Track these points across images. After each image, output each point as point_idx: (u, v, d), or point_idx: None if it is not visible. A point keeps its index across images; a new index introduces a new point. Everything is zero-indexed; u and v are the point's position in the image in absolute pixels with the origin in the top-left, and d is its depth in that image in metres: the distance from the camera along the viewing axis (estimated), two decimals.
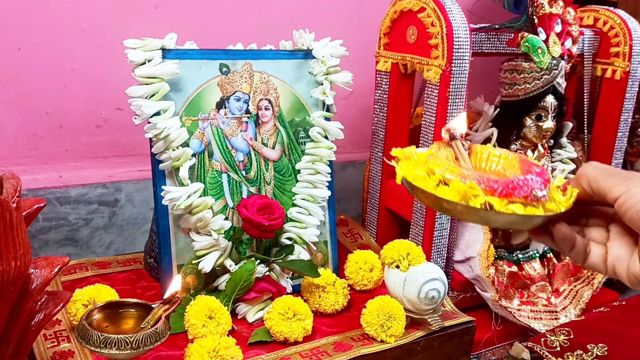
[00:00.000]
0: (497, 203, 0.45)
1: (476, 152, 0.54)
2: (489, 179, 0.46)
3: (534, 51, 1.04)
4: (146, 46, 0.87)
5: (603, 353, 0.95)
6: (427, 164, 0.48)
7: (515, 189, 0.46)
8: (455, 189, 0.46)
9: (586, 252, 0.50)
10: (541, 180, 0.47)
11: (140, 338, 0.64)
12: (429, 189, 0.46)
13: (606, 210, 0.51)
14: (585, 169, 0.49)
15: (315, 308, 0.93)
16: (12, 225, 0.55)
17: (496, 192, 0.45)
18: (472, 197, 0.45)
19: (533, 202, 0.46)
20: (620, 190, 0.45)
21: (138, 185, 1.21)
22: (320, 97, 1.00)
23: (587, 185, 0.48)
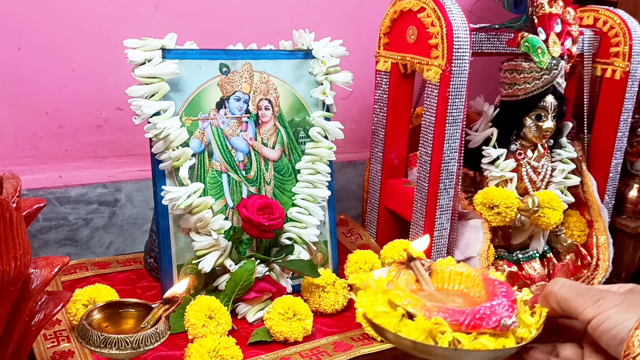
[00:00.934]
0: (465, 339, 0.43)
1: (437, 271, 0.51)
2: (454, 310, 0.44)
3: (533, 51, 1.04)
4: (146, 46, 0.87)
5: None
6: (388, 294, 0.46)
7: (483, 319, 0.43)
8: (420, 327, 0.43)
9: None
10: (508, 303, 0.45)
11: (140, 338, 0.64)
12: (392, 327, 0.44)
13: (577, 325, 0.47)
14: (553, 287, 0.46)
15: (315, 308, 0.93)
16: (12, 225, 0.55)
17: (463, 325, 0.43)
18: (439, 334, 0.43)
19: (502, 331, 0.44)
20: (591, 312, 0.43)
21: (138, 185, 1.21)
22: (320, 97, 1.00)
23: (556, 304, 0.46)
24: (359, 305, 0.47)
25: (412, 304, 0.45)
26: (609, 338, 0.42)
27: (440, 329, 0.43)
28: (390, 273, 0.50)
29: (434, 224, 1.03)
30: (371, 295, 0.47)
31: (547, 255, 1.18)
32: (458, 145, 1.01)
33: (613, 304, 0.42)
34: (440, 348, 0.43)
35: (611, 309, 0.42)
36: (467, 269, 0.51)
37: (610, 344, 0.42)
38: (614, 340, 0.41)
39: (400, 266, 0.50)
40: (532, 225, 1.13)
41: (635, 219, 1.35)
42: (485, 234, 1.05)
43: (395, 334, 0.44)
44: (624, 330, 0.40)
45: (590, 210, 1.22)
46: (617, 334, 0.41)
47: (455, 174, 1.02)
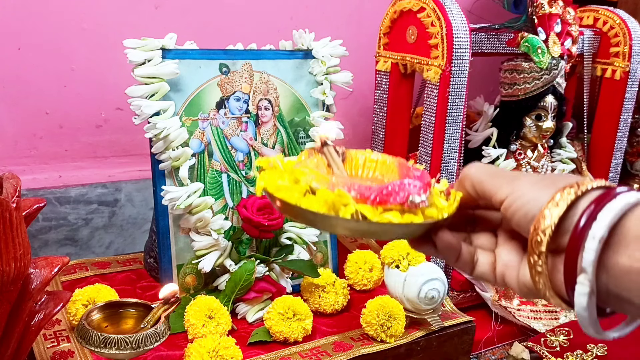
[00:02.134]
0: (370, 212, 0.40)
1: (351, 158, 0.49)
2: (360, 185, 0.41)
3: (533, 51, 1.04)
4: (146, 46, 0.87)
5: (603, 353, 0.96)
6: (293, 173, 0.43)
7: (390, 195, 0.41)
8: (322, 199, 0.40)
9: (473, 261, 0.45)
10: (420, 184, 0.42)
11: (140, 338, 0.64)
12: (293, 200, 0.41)
13: (493, 215, 0.46)
14: (469, 170, 0.44)
15: (315, 308, 0.93)
16: (12, 225, 0.55)
17: (369, 200, 0.41)
18: (342, 207, 0.40)
19: (411, 208, 0.41)
20: (505, 192, 0.41)
21: (138, 185, 1.21)
22: (320, 97, 1.00)
23: (471, 188, 0.44)
24: (261, 180, 0.43)
25: (316, 179, 0.42)
26: (522, 216, 0.40)
27: (343, 201, 0.40)
28: (300, 157, 0.47)
29: None
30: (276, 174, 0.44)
31: None
32: (458, 145, 1.01)
33: (528, 183, 0.41)
34: (343, 219, 0.40)
35: (526, 187, 0.40)
36: (382, 156, 0.49)
37: (522, 222, 0.40)
38: (526, 218, 0.40)
39: (312, 151, 0.48)
40: None
41: None
42: None
43: (296, 206, 0.41)
44: (537, 206, 0.39)
45: None
46: (530, 210, 0.39)
47: (455, 174, 1.02)
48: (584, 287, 0.36)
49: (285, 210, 0.43)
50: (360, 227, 0.41)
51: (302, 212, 0.41)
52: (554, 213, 0.37)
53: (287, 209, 0.42)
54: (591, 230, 0.36)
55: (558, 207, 0.37)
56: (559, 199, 0.38)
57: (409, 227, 0.42)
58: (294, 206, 0.41)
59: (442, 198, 0.44)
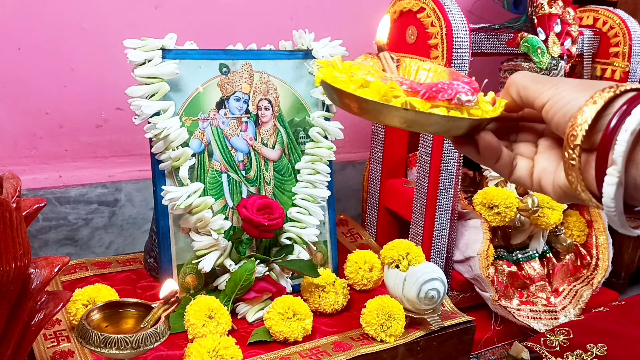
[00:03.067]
0: (419, 104, 0.43)
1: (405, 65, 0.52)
2: (412, 81, 0.45)
3: (533, 51, 1.04)
4: (146, 46, 0.87)
5: (602, 353, 0.96)
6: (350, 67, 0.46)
7: (439, 92, 0.44)
8: (375, 89, 0.44)
9: (512, 165, 0.48)
10: (468, 87, 0.45)
11: (140, 338, 0.64)
12: (349, 89, 0.44)
13: (535, 126, 0.49)
14: (514, 77, 0.47)
15: (315, 308, 0.93)
16: (12, 225, 0.55)
17: (419, 94, 0.44)
18: (393, 98, 0.43)
19: (457, 106, 0.44)
20: (547, 95, 0.44)
21: (138, 185, 1.21)
22: (320, 97, 1.00)
23: (516, 94, 0.47)
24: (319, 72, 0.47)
25: (371, 73, 0.45)
26: (560, 116, 0.42)
27: (395, 93, 0.43)
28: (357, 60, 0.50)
29: (433, 224, 1.03)
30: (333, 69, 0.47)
31: (547, 255, 1.18)
32: None
33: (570, 86, 0.43)
34: (393, 107, 0.43)
35: (567, 90, 0.43)
36: (435, 65, 0.52)
37: (561, 121, 0.42)
38: (565, 118, 0.42)
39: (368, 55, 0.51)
40: (532, 225, 1.13)
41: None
42: (485, 234, 1.06)
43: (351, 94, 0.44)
44: (576, 107, 0.41)
45: (590, 210, 1.22)
46: (568, 111, 0.41)
47: (455, 174, 1.02)
48: (613, 178, 0.38)
49: (341, 100, 0.46)
50: (409, 116, 0.44)
51: (356, 100, 0.44)
52: (592, 109, 0.40)
53: (342, 98, 0.45)
54: (624, 124, 0.38)
55: (595, 104, 0.40)
56: (597, 97, 0.40)
57: (454, 121, 0.44)
58: (349, 94, 0.44)
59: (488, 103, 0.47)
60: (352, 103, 0.45)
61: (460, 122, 0.45)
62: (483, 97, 0.47)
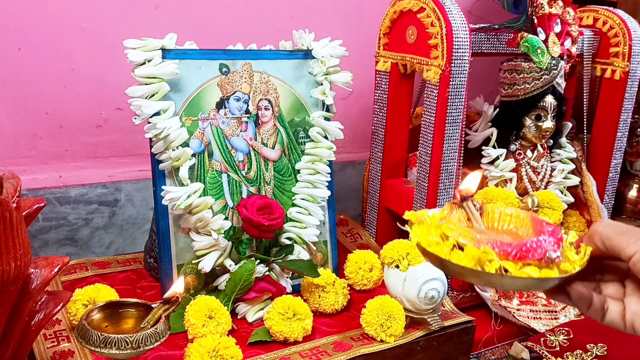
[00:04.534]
0: (511, 267, 0.46)
1: (488, 211, 0.54)
2: (502, 242, 0.47)
3: (533, 51, 1.04)
4: (146, 46, 0.87)
5: (602, 353, 0.96)
6: (440, 227, 0.49)
7: (529, 252, 0.46)
8: (469, 255, 0.46)
9: (604, 309, 0.49)
10: (554, 240, 0.48)
11: (140, 338, 0.64)
12: (443, 255, 0.47)
13: (620, 265, 0.51)
14: (598, 226, 0.49)
15: (315, 308, 0.93)
16: (12, 225, 0.55)
17: (510, 256, 0.46)
18: (487, 262, 0.46)
19: (547, 263, 0.47)
20: (634, 248, 0.46)
21: (138, 185, 1.21)
22: (319, 97, 1.00)
23: (601, 243, 0.49)
24: (414, 236, 0.50)
25: (462, 235, 0.48)
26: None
27: (488, 257, 0.46)
28: (443, 211, 0.53)
29: None
30: (425, 229, 0.50)
31: None
32: (458, 145, 1.01)
33: None
34: (488, 273, 0.46)
35: None
36: (516, 210, 0.55)
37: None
38: None
39: (453, 206, 0.53)
40: None
41: (634, 218, 1.35)
42: None
43: (447, 260, 0.47)
44: None
45: (590, 210, 1.22)
46: None
47: (455, 174, 1.02)
48: None
49: (435, 263, 0.49)
50: (504, 281, 0.46)
51: (452, 266, 0.47)
52: None
53: (437, 262, 0.48)
54: None
55: None
56: None
57: (546, 281, 0.47)
58: (444, 260, 0.47)
59: (573, 251, 0.49)
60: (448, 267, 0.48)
61: (553, 281, 0.47)
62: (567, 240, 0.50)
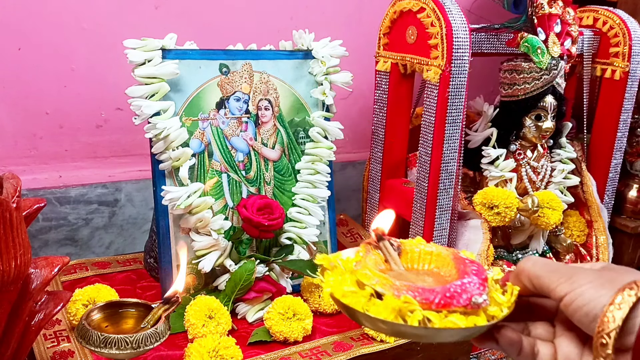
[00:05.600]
0: (435, 317, 0.42)
1: (406, 251, 0.51)
2: (423, 289, 0.43)
3: (533, 51, 1.04)
4: (146, 46, 0.87)
5: None
6: (356, 274, 0.45)
7: (454, 298, 0.43)
8: (389, 306, 0.42)
9: (534, 353, 0.46)
10: (479, 281, 0.44)
11: (140, 338, 0.64)
12: (360, 307, 0.43)
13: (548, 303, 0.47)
14: (525, 264, 0.46)
15: (315, 308, 0.93)
16: (12, 225, 0.55)
17: (433, 304, 0.42)
18: (409, 313, 0.42)
19: (473, 309, 0.43)
20: (564, 289, 0.42)
21: (138, 185, 1.21)
22: (320, 97, 1.00)
23: (529, 282, 0.45)
24: (327, 285, 0.46)
25: (380, 283, 0.44)
26: (582, 315, 0.41)
27: (410, 308, 0.42)
28: (358, 253, 0.49)
29: (433, 224, 1.03)
30: (339, 275, 0.46)
31: (547, 255, 1.18)
32: (458, 145, 1.01)
33: (586, 281, 0.41)
34: (410, 327, 0.42)
35: (585, 286, 0.41)
36: (437, 248, 0.51)
37: (584, 320, 0.41)
38: (587, 317, 0.40)
39: (368, 246, 0.49)
40: (532, 225, 1.13)
41: (634, 219, 1.35)
42: (485, 234, 1.06)
43: (364, 314, 0.43)
44: (598, 307, 0.40)
45: (590, 210, 1.22)
46: (591, 310, 0.40)
47: (455, 174, 1.02)
48: None
49: (352, 315, 0.44)
50: (427, 333, 0.42)
51: (369, 319, 0.43)
52: (617, 316, 0.39)
53: (353, 314, 0.44)
54: None
55: (621, 309, 0.39)
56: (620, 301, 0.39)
57: (473, 330, 0.43)
58: (361, 313, 0.43)
59: (499, 291, 0.46)
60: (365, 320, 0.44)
61: (480, 329, 0.44)
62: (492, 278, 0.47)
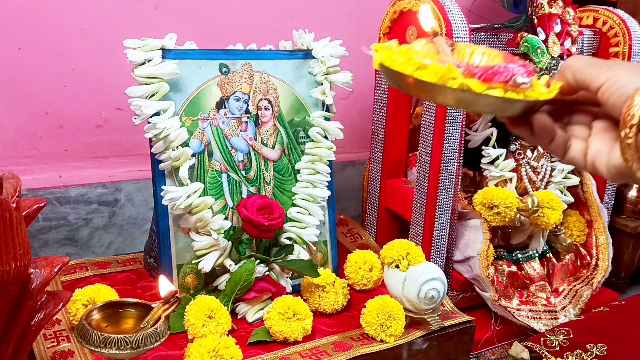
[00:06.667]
0: (475, 85, 0.45)
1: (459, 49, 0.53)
2: (468, 64, 0.46)
3: (533, 51, 1.04)
4: (146, 46, 0.87)
5: (602, 353, 0.96)
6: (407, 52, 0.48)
7: (496, 74, 0.45)
8: (433, 71, 0.45)
9: (566, 146, 0.50)
10: (524, 70, 0.47)
11: (140, 338, 0.64)
12: (407, 71, 0.46)
13: (589, 109, 0.51)
14: (569, 61, 0.49)
15: (315, 308, 0.93)
16: (12, 225, 0.55)
17: (475, 76, 0.45)
18: (450, 80, 0.45)
19: (514, 87, 0.46)
20: (603, 78, 0.45)
21: (138, 185, 1.21)
22: (319, 97, 1.00)
23: (572, 77, 0.48)
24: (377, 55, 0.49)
25: (428, 57, 0.47)
26: (616, 98, 0.44)
27: (452, 75, 0.45)
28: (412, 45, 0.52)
29: (433, 223, 1.03)
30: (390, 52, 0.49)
31: (547, 255, 1.18)
32: (457, 145, 1.01)
33: (624, 69, 0.45)
34: (451, 89, 0.45)
35: (622, 73, 0.44)
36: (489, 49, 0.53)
37: (617, 103, 0.44)
38: (620, 99, 0.43)
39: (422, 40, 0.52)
40: (532, 225, 1.13)
41: (634, 218, 1.35)
42: (485, 233, 1.06)
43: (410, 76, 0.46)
44: (631, 89, 0.43)
45: (590, 210, 1.22)
46: (624, 93, 0.43)
47: (454, 174, 1.02)
48: None
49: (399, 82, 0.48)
50: (466, 97, 0.45)
51: (415, 82, 0.46)
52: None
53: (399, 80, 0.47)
54: None
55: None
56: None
57: (509, 102, 0.46)
58: (408, 76, 0.46)
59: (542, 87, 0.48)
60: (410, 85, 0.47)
61: (516, 104, 0.46)
62: (538, 81, 0.49)
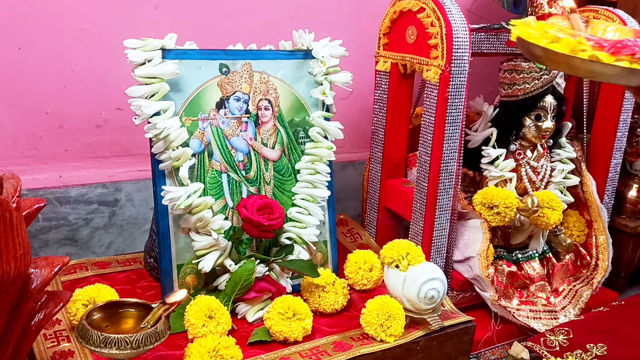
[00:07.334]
0: (603, 57, 0.50)
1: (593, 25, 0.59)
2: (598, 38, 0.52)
3: None
4: (146, 46, 0.87)
5: (602, 353, 0.96)
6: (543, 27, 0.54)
7: (624, 48, 0.50)
8: (565, 43, 0.52)
9: None
10: None
11: (140, 338, 0.64)
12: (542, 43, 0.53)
13: None
14: None
15: (315, 308, 0.93)
16: (12, 225, 0.55)
17: (604, 49, 0.50)
18: (580, 52, 0.50)
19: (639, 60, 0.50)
20: None
21: (138, 185, 1.21)
22: (319, 97, 1.00)
23: None
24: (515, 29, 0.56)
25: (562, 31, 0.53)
26: None
27: (582, 47, 0.51)
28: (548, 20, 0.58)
29: (433, 224, 1.03)
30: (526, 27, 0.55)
31: (547, 255, 1.18)
32: (457, 145, 1.01)
33: None
34: (581, 59, 0.51)
35: None
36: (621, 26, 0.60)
37: None
38: None
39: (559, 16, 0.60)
40: (532, 225, 1.13)
41: (634, 218, 1.35)
42: (485, 233, 1.06)
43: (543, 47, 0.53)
44: None
45: (590, 210, 1.22)
46: None
47: (454, 174, 1.02)
48: None
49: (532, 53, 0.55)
50: (594, 68, 0.51)
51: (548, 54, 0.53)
52: None
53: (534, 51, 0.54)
54: None
55: None
56: None
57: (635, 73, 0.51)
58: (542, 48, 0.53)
59: None
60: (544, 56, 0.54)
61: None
62: None
